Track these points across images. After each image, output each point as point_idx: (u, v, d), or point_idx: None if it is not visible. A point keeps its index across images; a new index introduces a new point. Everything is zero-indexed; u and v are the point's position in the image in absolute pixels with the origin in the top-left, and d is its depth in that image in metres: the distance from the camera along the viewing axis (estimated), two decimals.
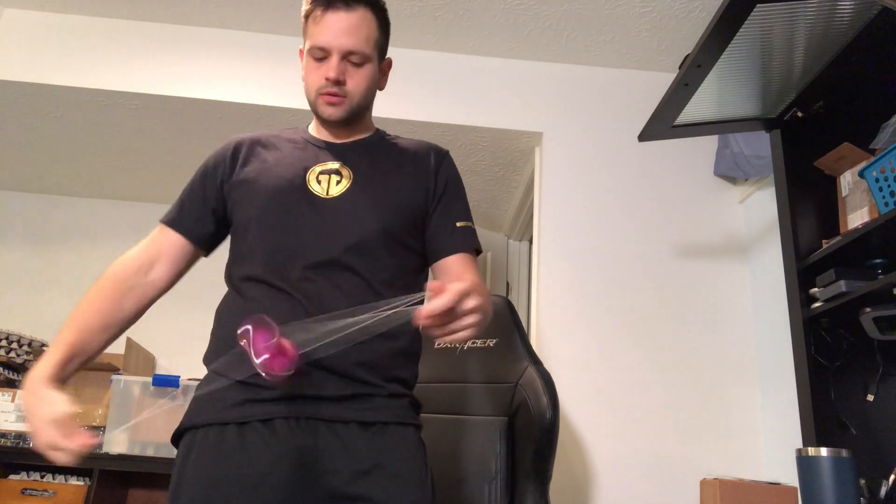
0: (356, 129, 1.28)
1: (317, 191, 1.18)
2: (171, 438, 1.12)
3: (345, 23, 1.16)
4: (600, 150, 2.53)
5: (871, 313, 1.47)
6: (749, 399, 2.25)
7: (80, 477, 2.41)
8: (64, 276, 3.29)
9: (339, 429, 1.06)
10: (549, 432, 1.49)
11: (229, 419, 1.05)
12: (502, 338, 1.70)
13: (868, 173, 1.49)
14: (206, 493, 1.01)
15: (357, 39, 1.17)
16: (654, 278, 2.37)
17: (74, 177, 3.25)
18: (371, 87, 1.24)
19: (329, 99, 1.19)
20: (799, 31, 1.50)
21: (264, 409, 1.05)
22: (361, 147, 1.27)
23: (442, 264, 1.23)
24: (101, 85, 2.49)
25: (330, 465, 1.03)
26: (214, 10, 2.50)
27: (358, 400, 1.08)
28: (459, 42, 2.57)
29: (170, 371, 2.99)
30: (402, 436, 1.10)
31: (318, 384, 1.06)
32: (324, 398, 1.06)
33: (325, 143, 1.26)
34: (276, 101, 2.51)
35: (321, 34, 1.17)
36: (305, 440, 1.04)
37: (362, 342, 1.04)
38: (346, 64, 1.18)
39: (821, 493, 1.28)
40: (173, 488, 1.04)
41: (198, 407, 1.11)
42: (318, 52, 1.18)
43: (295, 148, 1.25)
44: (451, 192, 1.27)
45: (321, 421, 1.05)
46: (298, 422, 1.05)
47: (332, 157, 1.23)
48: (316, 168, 1.21)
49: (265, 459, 1.02)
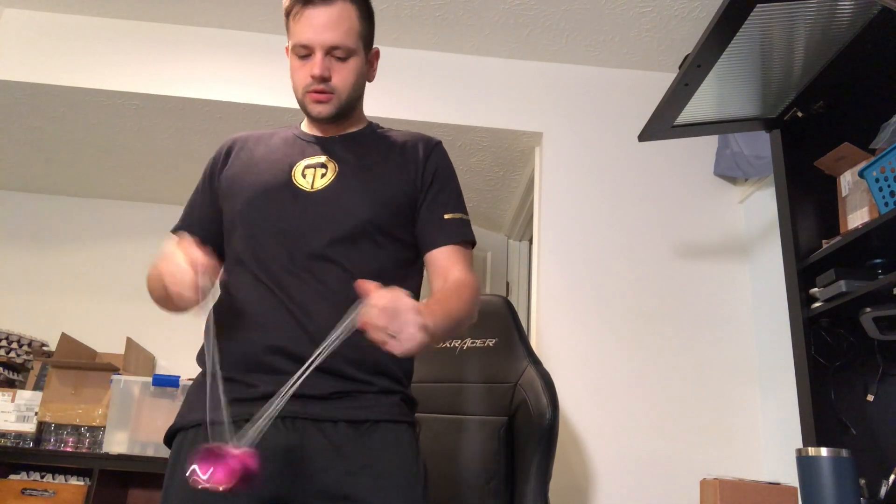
0: (347, 124, 1.27)
1: (302, 184, 1.17)
2: (164, 439, 1.13)
3: (325, 17, 1.14)
4: (600, 150, 2.53)
5: (871, 313, 1.47)
6: (749, 399, 2.25)
7: (80, 477, 2.41)
8: (64, 276, 3.29)
9: (327, 428, 1.04)
10: (549, 432, 1.49)
11: (216, 419, 1.03)
12: (502, 338, 1.70)
13: (868, 173, 1.49)
14: (194, 494, 0.98)
15: (339, 33, 1.15)
16: (653, 278, 2.37)
17: (74, 177, 3.25)
18: (359, 80, 1.22)
19: (316, 97, 1.18)
20: (799, 31, 1.50)
21: (251, 408, 1.03)
22: (350, 140, 1.25)
23: (429, 258, 1.20)
24: (101, 85, 2.49)
25: (318, 465, 1.02)
26: (214, 10, 2.50)
27: (347, 398, 1.07)
28: (459, 42, 2.56)
29: (170, 371, 2.98)
30: (393, 434, 1.08)
31: (306, 382, 1.03)
32: (311, 397, 1.04)
33: (314, 137, 1.26)
34: (276, 101, 2.51)
35: (302, 31, 1.16)
36: (292, 440, 1.03)
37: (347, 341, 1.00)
38: (331, 59, 1.16)
39: (821, 493, 1.28)
40: (164, 489, 1.05)
41: (187, 407, 1.12)
42: (301, 50, 1.17)
43: (284, 144, 1.25)
44: (439, 183, 1.24)
45: (309, 420, 1.04)
46: (285, 421, 1.03)
47: (319, 152, 1.22)
48: (302, 162, 1.20)
49: None
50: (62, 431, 2.48)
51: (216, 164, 1.27)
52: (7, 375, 2.75)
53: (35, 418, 2.48)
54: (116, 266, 3.29)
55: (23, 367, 2.83)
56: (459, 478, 1.54)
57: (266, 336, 1.08)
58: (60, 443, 2.46)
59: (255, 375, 1.07)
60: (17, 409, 2.50)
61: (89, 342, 2.81)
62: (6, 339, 2.79)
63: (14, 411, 2.50)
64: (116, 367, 2.62)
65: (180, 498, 1.02)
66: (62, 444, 2.46)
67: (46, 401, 2.51)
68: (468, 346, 1.73)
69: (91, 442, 2.47)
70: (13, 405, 2.51)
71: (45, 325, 3.01)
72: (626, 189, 2.48)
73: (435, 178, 1.24)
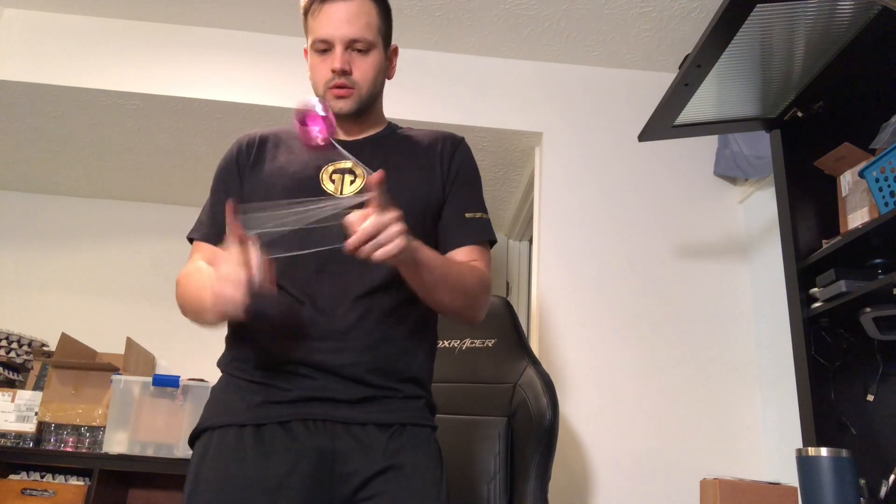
0: (368, 124, 1.26)
1: (330, 190, 1.16)
2: (189, 439, 1.12)
3: (344, 12, 1.15)
4: (600, 150, 2.53)
5: (871, 313, 1.47)
6: (749, 399, 2.25)
7: (80, 477, 2.41)
8: (64, 276, 3.29)
9: (356, 430, 1.06)
10: (549, 432, 1.49)
11: (247, 421, 1.05)
12: (501, 338, 1.70)
13: (868, 173, 1.49)
14: (225, 493, 1.01)
15: (358, 27, 1.15)
16: (653, 278, 2.37)
17: (74, 177, 3.25)
18: (379, 75, 1.21)
19: (337, 92, 1.17)
20: (799, 31, 1.50)
21: (281, 411, 1.05)
22: (374, 143, 1.25)
23: (450, 257, 1.20)
24: (101, 85, 2.49)
25: (347, 467, 1.03)
26: (214, 10, 2.50)
27: (374, 402, 1.08)
28: (459, 42, 2.56)
29: (170, 371, 2.99)
30: (419, 437, 1.10)
31: (332, 389, 1.06)
32: (341, 401, 1.06)
33: (339, 140, 1.25)
34: (276, 101, 2.51)
35: (321, 26, 1.16)
36: (323, 442, 1.04)
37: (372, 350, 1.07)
38: (351, 53, 1.16)
39: (821, 493, 1.28)
40: (190, 489, 1.04)
41: (215, 408, 1.11)
42: (320, 45, 1.16)
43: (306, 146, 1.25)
44: (462, 181, 1.24)
45: (338, 423, 1.06)
46: (316, 423, 1.05)
47: (345, 156, 1.22)
48: (329, 167, 1.19)
49: (284, 461, 1.02)
50: (62, 431, 2.48)
51: (236, 163, 1.24)
52: (7, 375, 2.75)
53: (35, 418, 2.48)
54: (116, 266, 3.30)
55: (23, 367, 2.83)
56: (459, 478, 1.54)
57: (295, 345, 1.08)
58: (60, 443, 2.46)
59: (286, 379, 1.07)
60: (17, 409, 2.50)
61: (89, 342, 2.81)
62: (6, 339, 2.79)
63: (14, 411, 2.50)
64: (116, 367, 2.62)
65: (210, 496, 1.02)
66: (62, 444, 2.46)
67: (46, 401, 2.51)
68: (468, 346, 1.73)
69: (91, 442, 2.47)
70: (13, 405, 2.51)
71: (45, 325, 3.01)
72: (626, 189, 2.47)
73: (458, 176, 1.24)
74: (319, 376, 1.06)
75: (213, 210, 1.22)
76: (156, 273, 3.21)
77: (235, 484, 1.01)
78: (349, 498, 1.02)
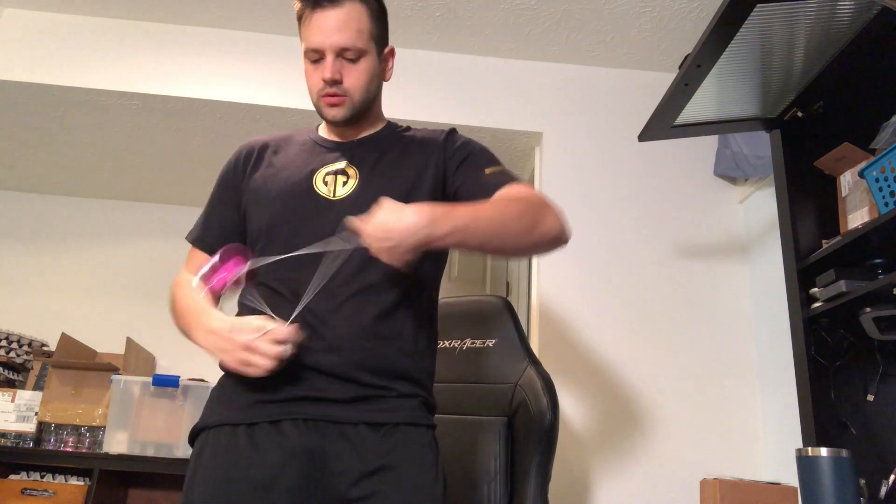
0: (365, 125, 1.26)
1: (323, 192, 1.17)
2: (189, 438, 1.14)
3: (333, 20, 1.14)
4: (600, 150, 2.53)
5: (871, 313, 1.47)
6: (749, 399, 2.25)
7: (80, 477, 2.41)
8: (64, 276, 3.29)
9: (347, 430, 1.05)
10: (549, 433, 1.49)
11: (240, 420, 1.06)
12: (501, 338, 1.70)
13: (868, 173, 1.49)
14: (218, 492, 1.02)
15: (348, 35, 1.15)
16: (653, 278, 2.37)
17: (74, 177, 3.25)
18: (372, 80, 1.21)
19: (330, 100, 1.18)
20: (799, 31, 1.50)
21: (272, 410, 1.06)
22: (369, 143, 1.25)
23: None
24: (101, 85, 2.49)
25: (338, 467, 1.03)
26: (214, 10, 2.50)
27: (366, 402, 1.08)
28: (459, 42, 2.56)
29: (170, 371, 2.98)
30: (413, 437, 1.09)
31: (324, 388, 1.06)
32: (333, 400, 1.06)
33: (333, 143, 1.25)
34: (276, 101, 2.51)
35: (312, 35, 1.16)
36: (314, 441, 1.04)
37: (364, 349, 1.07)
38: (342, 62, 1.16)
39: (821, 493, 1.28)
40: (186, 487, 1.06)
41: (212, 408, 1.13)
42: (312, 55, 1.17)
43: (302, 150, 1.25)
44: (466, 152, 1.24)
45: (330, 422, 1.06)
46: (307, 423, 1.05)
47: (338, 158, 1.22)
48: (322, 170, 1.19)
49: (275, 460, 1.02)
50: (62, 431, 2.48)
51: (234, 172, 1.26)
52: (7, 375, 2.75)
53: (35, 418, 2.48)
54: (116, 266, 3.30)
55: (23, 367, 2.83)
56: (459, 478, 1.54)
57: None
58: (60, 443, 2.46)
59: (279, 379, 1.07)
60: (17, 409, 2.50)
61: (89, 342, 2.81)
62: (6, 339, 2.79)
63: (14, 411, 2.50)
64: (116, 367, 2.62)
65: (204, 494, 1.03)
66: (62, 444, 2.46)
67: (46, 401, 2.50)
68: (468, 346, 1.73)
69: (91, 442, 2.47)
70: (13, 405, 2.51)
71: (45, 325, 3.01)
72: (625, 189, 2.47)
73: (459, 150, 1.24)
74: (312, 376, 1.06)
75: (207, 215, 1.27)
76: (156, 273, 3.20)
77: (228, 482, 1.02)
78: (342, 497, 1.02)
